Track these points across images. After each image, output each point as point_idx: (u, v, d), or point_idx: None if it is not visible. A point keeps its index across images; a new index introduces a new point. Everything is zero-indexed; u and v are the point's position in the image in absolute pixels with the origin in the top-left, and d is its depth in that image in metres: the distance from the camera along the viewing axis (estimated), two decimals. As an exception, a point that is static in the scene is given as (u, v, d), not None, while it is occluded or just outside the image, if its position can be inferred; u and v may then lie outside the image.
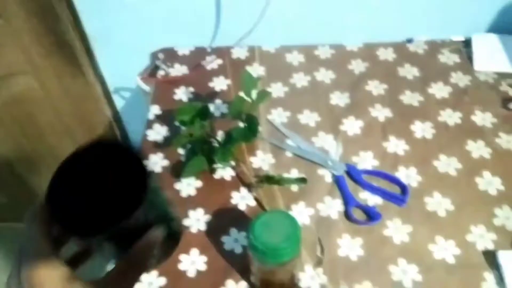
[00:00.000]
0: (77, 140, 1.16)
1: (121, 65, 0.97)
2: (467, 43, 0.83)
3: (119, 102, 1.07)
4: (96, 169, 0.34)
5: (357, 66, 0.82)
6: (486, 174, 0.64)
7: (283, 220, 0.50)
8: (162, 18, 0.87)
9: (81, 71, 0.98)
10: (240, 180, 0.67)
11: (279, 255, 0.49)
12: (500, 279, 0.53)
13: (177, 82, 0.83)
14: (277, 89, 0.80)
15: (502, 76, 0.78)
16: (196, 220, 0.63)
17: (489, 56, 0.81)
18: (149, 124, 0.77)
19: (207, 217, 0.63)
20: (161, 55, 0.89)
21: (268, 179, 0.65)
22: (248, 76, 0.67)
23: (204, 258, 0.58)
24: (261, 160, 0.69)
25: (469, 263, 0.55)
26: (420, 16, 0.83)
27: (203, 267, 0.58)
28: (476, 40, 0.83)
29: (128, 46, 0.92)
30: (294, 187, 0.65)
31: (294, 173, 0.67)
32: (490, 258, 0.55)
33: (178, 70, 0.86)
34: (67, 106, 1.07)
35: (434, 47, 0.84)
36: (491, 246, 0.57)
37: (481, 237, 0.57)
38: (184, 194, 0.66)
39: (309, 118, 0.75)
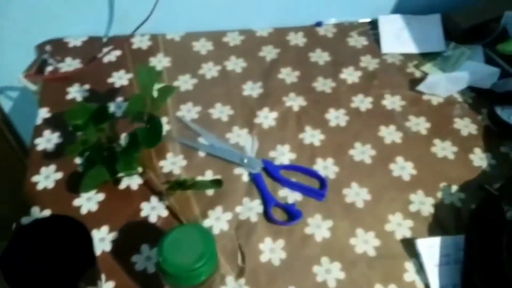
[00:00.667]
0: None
1: (2, 62, 0.82)
2: (374, 25, 0.83)
3: (6, 103, 0.93)
4: (46, 239, 0.42)
5: (269, 53, 0.78)
6: (399, 159, 0.65)
7: (195, 235, 0.45)
8: (47, 5, 0.75)
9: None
10: (149, 189, 0.60)
11: (193, 276, 0.44)
12: (420, 267, 0.54)
13: (69, 78, 0.73)
14: (185, 82, 0.73)
15: (409, 57, 0.79)
16: (100, 240, 0.55)
17: (395, 38, 0.81)
18: (37, 131, 0.66)
19: (113, 235, 0.56)
20: (48, 48, 0.77)
21: (181, 185, 0.59)
22: (145, 71, 0.60)
23: (111, 284, 0.52)
24: (171, 163, 0.63)
25: (390, 253, 0.55)
26: (329, -2, 0.81)
27: (111, 294, 0.51)
28: (382, 21, 0.83)
29: (7, 39, 0.78)
30: (210, 191, 0.60)
31: (208, 175, 0.62)
32: (409, 246, 0.56)
33: (70, 64, 0.75)
34: None
35: (343, 30, 0.83)
36: (409, 234, 0.57)
37: (399, 226, 0.58)
38: (84, 210, 0.58)
39: (221, 112, 0.69)
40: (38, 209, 0.57)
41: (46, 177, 0.60)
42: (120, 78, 0.73)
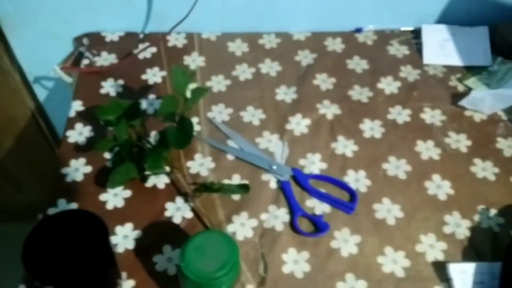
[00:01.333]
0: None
1: (40, 51, 0.84)
2: (417, 34, 0.80)
3: (42, 94, 0.95)
4: (67, 231, 0.44)
5: (305, 58, 0.77)
6: (436, 177, 0.61)
7: (219, 242, 0.44)
8: (86, -2, 0.76)
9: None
10: (175, 189, 0.60)
11: (214, 284, 0.43)
12: (450, 294, 0.51)
13: (104, 73, 0.73)
14: (218, 83, 0.72)
15: (452, 70, 0.75)
16: (124, 237, 0.55)
17: (439, 49, 0.78)
18: (69, 123, 0.67)
19: (136, 233, 0.55)
20: (86, 41, 0.78)
21: (207, 187, 0.58)
22: (178, 72, 0.59)
23: (131, 283, 0.51)
24: (199, 164, 0.62)
25: (419, 276, 0.52)
26: (369, 4, 0.78)
27: (131, 293, 0.51)
28: (426, 31, 0.80)
29: (47, 30, 0.80)
30: (236, 196, 0.59)
31: (236, 179, 0.61)
32: (440, 270, 0.53)
33: (106, 59, 0.75)
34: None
35: (383, 37, 0.80)
36: (441, 257, 0.54)
37: (431, 247, 0.55)
38: (110, 206, 0.58)
39: (253, 115, 0.68)
40: (64, 201, 0.58)
41: (75, 170, 0.61)
42: (154, 75, 0.73)
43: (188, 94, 0.61)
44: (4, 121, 1.00)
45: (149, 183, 0.60)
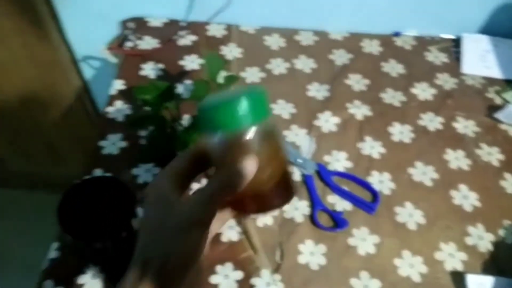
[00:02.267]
0: (44, 107, 1.09)
1: (89, 31, 0.89)
2: (457, 43, 0.79)
3: (88, 71, 1.00)
4: (97, 195, 0.47)
5: (340, 57, 0.77)
6: (463, 187, 0.61)
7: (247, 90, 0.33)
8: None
9: (46, 34, 0.90)
10: (202, 172, 0.62)
11: (231, 115, 0.31)
12: (465, 303, 0.51)
13: (145, 56, 0.76)
14: (252, 74, 0.74)
15: (490, 81, 0.74)
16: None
17: (479, 59, 0.76)
18: (110, 100, 0.70)
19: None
20: (131, 25, 0.82)
21: (232, 173, 0.60)
22: (212, 58, 0.61)
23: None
24: (227, 151, 0.64)
25: (436, 283, 0.52)
26: (410, 9, 0.78)
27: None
28: (466, 40, 0.78)
29: (96, 11, 0.84)
30: (259, 184, 0.60)
31: (261, 169, 0.62)
32: (458, 280, 0.52)
33: (148, 43, 0.79)
34: (33, 71, 1.00)
35: (422, 43, 0.79)
36: (460, 267, 0.53)
37: (451, 256, 0.54)
38: (141, 180, 0.61)
39: (283, 109, 0.69)
40: (100, 172, 0.61)
41: (112, 144, 0.64)
42: (191, 62, 0.75)
43: (221, 81, 0.63)
44: (52, 97, 1.06)
45: (177, 164, 0.62)
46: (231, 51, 0.77)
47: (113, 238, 0.45)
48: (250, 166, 0.30)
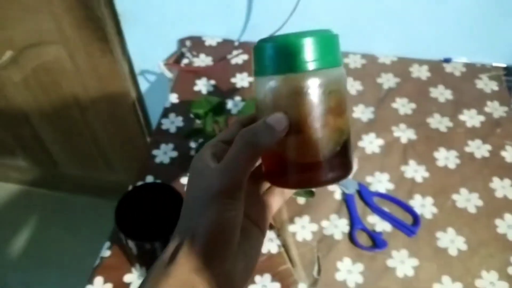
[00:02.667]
0: (100, 115, 1.17)
1: (148, 47, 0.96)
2: (509, 71, 0.78)
3: (143, 85, 1.07)
4: (150, 199, 0.52)
5: (387, 81, 0.78)
6: (508, 217, 0.60)
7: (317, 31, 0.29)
8: (193, 4, 0.85)
9: (110, 48, 0.98)
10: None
11: (291, 55, 0.27)
12: (505, 334, 0.50)
13: (199, 72, 0.82)
14: (299, 94, 0.77)
15: (543, 112, 0.72)
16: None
17: (532, 89, 0.75)
18: (165, 112, 0.75)
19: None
20: (188, 43, 0.88)
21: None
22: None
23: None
24: (272, 166, 0.67)
25: (474, 310, 0.52)
26: (461, 36, 0.78)
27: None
28: (520, 69, 0.77)
29: (156, 29, 0.91)
30: (301, 199, 0.62)
31: (303, 185, 0.64)
32: (498, 309, 0.51)
33: (203, 60, 0.84)
34: (94, 81, 1.08)
35: (473, 71, 0.79)
36: (501, 296, 0.53)
37: (492, 285, 0.53)
38: (188, 189, 0.64)
39: (328, 128, 0.71)
40: (152, 178, 0.65)
41: (164, 153, 0.69)
42: (242, 80, 0.80)
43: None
44: (108, 106, 1.14)
45: (224, 175, 0.66)
46: (280, 71, 0.80)
47: (161, 239, 0.49)
48: (278, 119, 0.26)
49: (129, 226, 0.49)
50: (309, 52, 0.26)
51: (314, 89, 0.26)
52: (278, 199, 0.31)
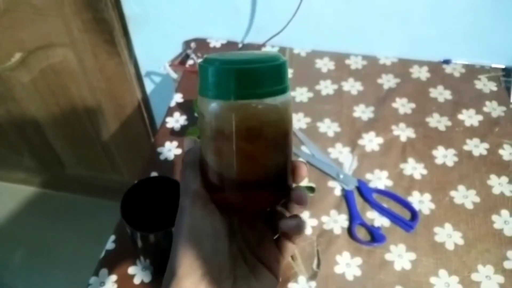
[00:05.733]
0: (106, 116, 1.19)
1: (154, 49, 0.98)
2: (507, 72, 0.79)
3: (149, 86, 1.09)
4: (154, 193, 0.53)
5: (387, 81, 0.80)
6: (505, 213, 0.61)
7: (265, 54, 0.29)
8: (199, 7, 0.87)
9: (117, 51, 1.00)
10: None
11: (245, 80, 0.26)
12: (500, 326, 0.50)
13: (203, 73, 0.83)
14: (301, 94, 0.78)
15: (541, 112, 0.73)
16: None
17: (530, 89, 0.76)
18: (169, 111, 0.77)
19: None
20: (193, 45, 0.90)
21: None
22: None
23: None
24: (273, 163, 0.68)
25: (470, 303, 0.53)
26: (461, 37, 0.79)
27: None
28: (519, 70, 0.78)
29: (163, 32, 0.93)
30: (301, 196, 0.64)
31: (304, 181, 0.66)
32: (493, 301, 0.52)
33: (207, 61, 0.86)
34: (101, 83, 1.10)
35: (472, 72, 0.81)
36: (496, 289, 0.54)
37: (488, 278, 0.54)
38: (191, 185, 0.66)
39: (328, 127, 0.73)
40: (156, 174, 0.67)
41: (168, 150, 0.71)
42: (245, 80, 0.81)
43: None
44: (115, 108, 1.16)
45: (226, 172, 0.67)
46: (282, 72, 0.82)
47: (165, 231, 0.50)
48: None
49: (134, 218, 0.50)
50: (258, 79, 0.26)
51: (258, 112, 0.27)
52: (291, 245, 0.32)
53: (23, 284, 1.35)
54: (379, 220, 0.61)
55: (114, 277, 0.57)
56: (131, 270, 0.58)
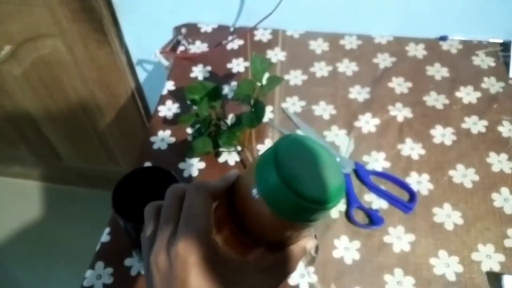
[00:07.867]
0: (100, 107, 1.18)
1: (145, 36, 0.96)
2: (506, 47, 0.77)
3: (141, 74, 1.07)
4: (146, 183, 0.52)
5: (383, 60, 0.78)
6: (505, 190, 0.60)
7: (319, 153, 0.28)
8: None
9: (107, 40, 0.98)
10: (243, 167, 0.65)
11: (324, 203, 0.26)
12: (501, 305, 0.50)
13: (195, 59, 0.82)
14: (295, 77, 0.77)
15: (540, 86, 0.72)
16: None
17: (529, 63, 0.74)
18: (162, 100, 0.76)
19: (205, 200, 0.62)
20: (183, 30, 0.88)
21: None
22: (257, 59, 0.65)
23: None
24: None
25: (471, 283, 0.52)
26: (457, 13, 0.77)
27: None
28: (517, 46, 0.77)
29: (152, 18, 0.91)
30: (298, 180, 0.63)
31: (300, 166, 0.65)
32: (494, 280, 0.52)
33: (198, 47, 0.84)
34: (93, 73, 1.09)
35: (469, 47, 0.79)
36: (497, 268, 0.53)
37: (488, 257, 0.54)
38: (186, 174, 0.65)
39: (324, 110, 0.72)
40: (150, 164, 0.66)
41: (162, 140, 0.69)
42: (238, 65, 0.80)
43: (264, 81, 0.67)
44: (108, 98, 1.15)
45: (221, 159, 0.66)
46: (276, 55, 0.80)
47: None
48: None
49: (127, 210, 0.50)
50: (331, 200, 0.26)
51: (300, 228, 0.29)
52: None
53: (27, 275, 1.35)
54: (377, 203, 0.60)
55: (110, 270, 0.56)
56: (127, 262, 0.57)
